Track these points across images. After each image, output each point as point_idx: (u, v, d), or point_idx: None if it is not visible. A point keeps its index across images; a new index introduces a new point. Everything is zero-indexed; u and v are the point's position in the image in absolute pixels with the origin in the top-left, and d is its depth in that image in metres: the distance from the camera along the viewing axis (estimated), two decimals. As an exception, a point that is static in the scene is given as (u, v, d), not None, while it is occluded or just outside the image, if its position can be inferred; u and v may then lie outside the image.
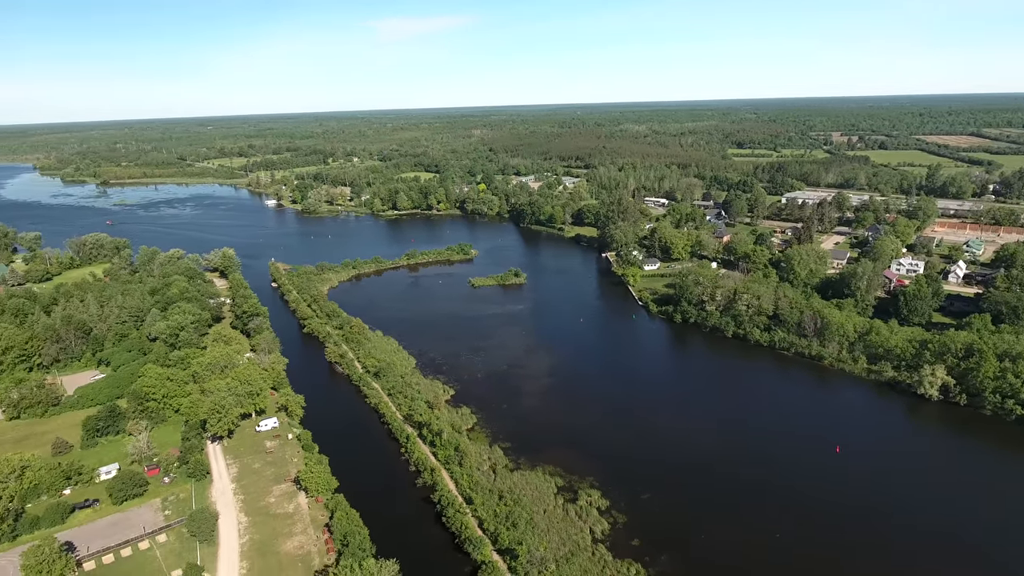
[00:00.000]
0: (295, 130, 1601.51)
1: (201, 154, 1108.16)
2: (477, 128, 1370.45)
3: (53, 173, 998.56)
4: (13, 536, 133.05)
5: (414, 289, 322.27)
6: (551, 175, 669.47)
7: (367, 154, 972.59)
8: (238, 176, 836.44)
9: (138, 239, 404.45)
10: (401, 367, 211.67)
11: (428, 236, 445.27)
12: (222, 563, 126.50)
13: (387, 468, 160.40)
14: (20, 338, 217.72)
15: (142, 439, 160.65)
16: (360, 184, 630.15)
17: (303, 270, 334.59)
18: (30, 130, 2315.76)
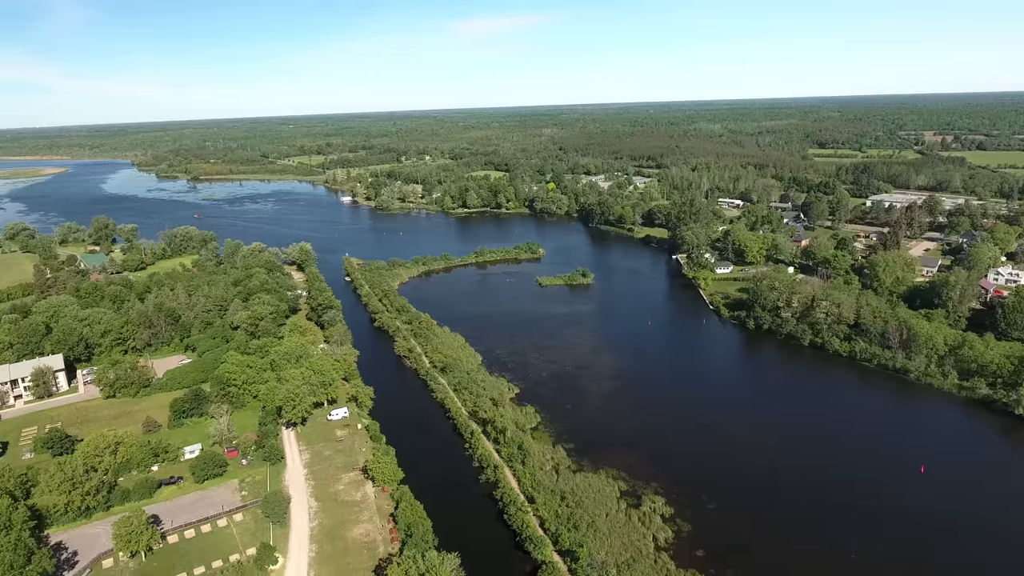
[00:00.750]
0: (371, 129, 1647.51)
1: (282, 152, 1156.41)
2: (547, 127, 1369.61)
3: (149, 169, 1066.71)
4: (107, 507, 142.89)
5: (482, 287, 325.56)
6: (621, 175, 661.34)
7: (439, 152, 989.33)
8: (316, 173, 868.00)
9: (223, 232, 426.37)
10: (467, 363, 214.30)
11: (496, 234, 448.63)
12: (293, 545, 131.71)
13: (451, 463, 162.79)
14: (117, 323, 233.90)
15: (223, 422, 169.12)
16: (431, 182, 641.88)
17: (375, 265, 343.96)
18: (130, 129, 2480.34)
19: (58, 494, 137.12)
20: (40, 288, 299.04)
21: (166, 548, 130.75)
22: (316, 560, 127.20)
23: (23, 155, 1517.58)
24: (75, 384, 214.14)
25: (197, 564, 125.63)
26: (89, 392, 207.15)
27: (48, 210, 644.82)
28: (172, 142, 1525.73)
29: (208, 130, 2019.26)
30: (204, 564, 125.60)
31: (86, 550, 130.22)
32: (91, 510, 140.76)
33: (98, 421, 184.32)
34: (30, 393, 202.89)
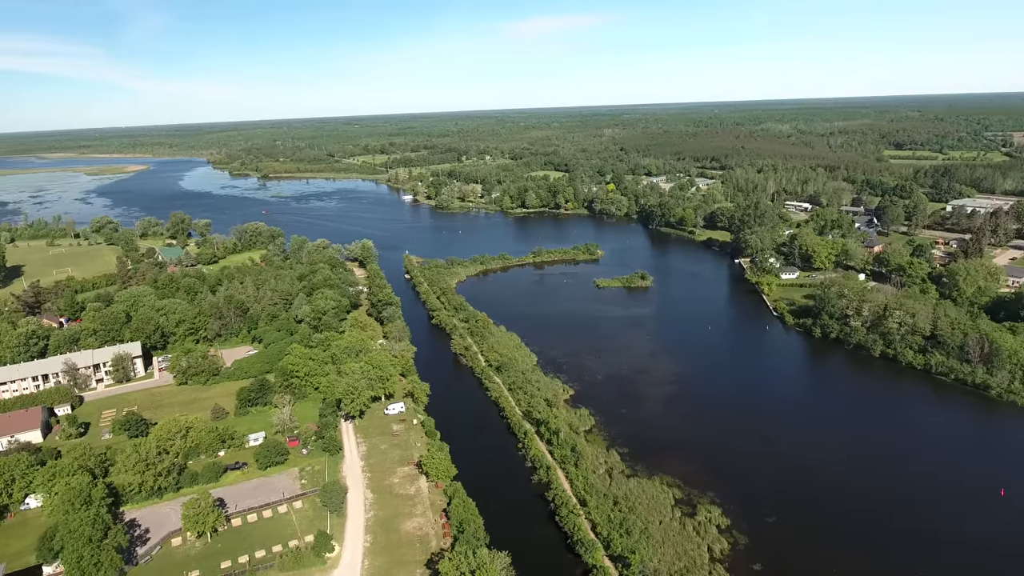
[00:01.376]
0: (432, 129, 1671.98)
1: (347, 151, 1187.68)
2: (608, 127, 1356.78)
3: (223, 167, 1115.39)
4: (177, 488, 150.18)
5: (538, 287, 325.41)
6: (684, 176, 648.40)
7: (499, 152, 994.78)
8: (379, 172, 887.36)
9: (290, 228, 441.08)
10: (522, 363, 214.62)
11: (554, 235, 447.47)
12: (349, 534, 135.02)
13: (504, 462, 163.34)
14: (190, 313, 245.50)
15: (286, 412, 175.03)
16: (491, 182, 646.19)
17: (434, 263, 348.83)
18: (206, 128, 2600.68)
19: (133, 474, 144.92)
20: (122, 279, 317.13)
21: (230, 531, 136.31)
22: (371, 550, 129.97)
23: (109, 153, 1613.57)
24: (151, 370, 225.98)
25: (258, 547, 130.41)
26: (163, 378, 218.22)
27: (130, 205, 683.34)
28: (244, 141, 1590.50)
29: (278, 130, 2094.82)
30: (265, 548, 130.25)
31: (157, 528, 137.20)
32: (162, 491, 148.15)
33: (171, 406, 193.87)
34: (110, 378, 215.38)
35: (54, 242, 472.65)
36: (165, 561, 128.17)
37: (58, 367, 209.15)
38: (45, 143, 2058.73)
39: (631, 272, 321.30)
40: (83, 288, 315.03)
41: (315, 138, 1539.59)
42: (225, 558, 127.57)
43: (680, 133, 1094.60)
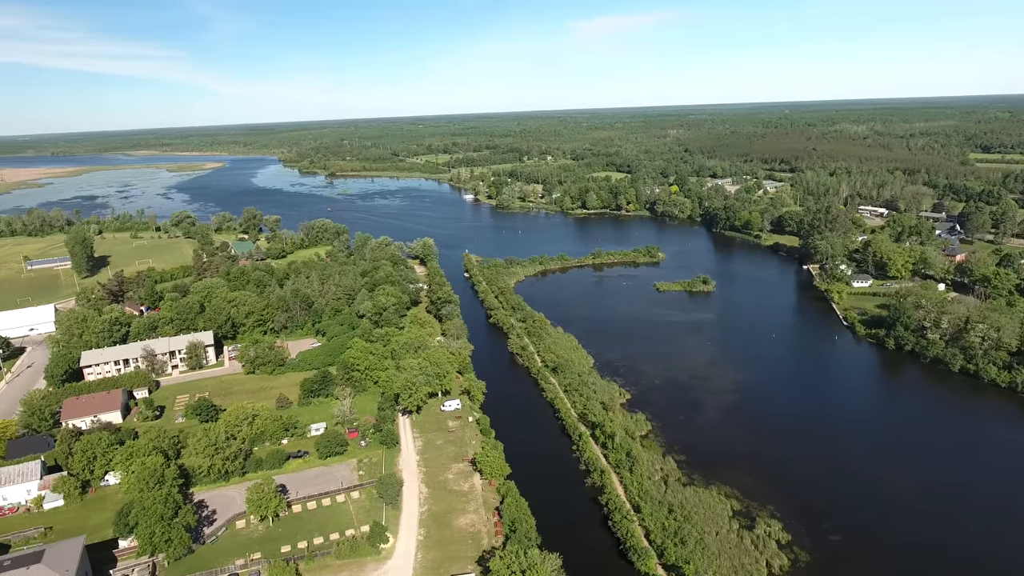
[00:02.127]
0: (495, 129, 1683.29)
1: (411, 150, 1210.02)
2: (673, 128, 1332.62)
3: (293, 165, 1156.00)
4: (242, 473, 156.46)
5: (597, 288, 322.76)
6: (750, 178, 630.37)
7: (560, 153, 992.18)
8: (442, 172, 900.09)
9: (355, 225, 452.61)
10: (579, 365, 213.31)
11: (615, 236, 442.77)
12: (403, 526, 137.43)
13: (558, 463, 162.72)
14: (259, 305, 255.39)
15: (346, 404, 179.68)
16: (552, 182, 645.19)
17: (493, 262, 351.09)
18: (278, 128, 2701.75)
19: (203, 457, 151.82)
20: (197, 270, 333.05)
21: (290, 516, 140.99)
22: (424, 544, 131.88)
23: (189, 151, 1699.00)
24: (221, 359, 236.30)
25: (317, 534, 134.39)
26: (233, 367, 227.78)
27: (207, 200, 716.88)
28: (314, 140, 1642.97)
29: (346, 129, 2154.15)
30: (323, 535, 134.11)
31: (223, 510, 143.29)
32: (229, 474, 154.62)
33: (239, 394, 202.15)
34: (184, 364, 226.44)
35: (137, 234, 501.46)
36: (230, 542, 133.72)
37: (138, 353, 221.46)
38: (132, 141, 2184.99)
39: (693, 276, 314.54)
40: (162, 279, 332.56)
41: (381, 137, 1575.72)
42: (285, 542, 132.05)
43: (748, 134, 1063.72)
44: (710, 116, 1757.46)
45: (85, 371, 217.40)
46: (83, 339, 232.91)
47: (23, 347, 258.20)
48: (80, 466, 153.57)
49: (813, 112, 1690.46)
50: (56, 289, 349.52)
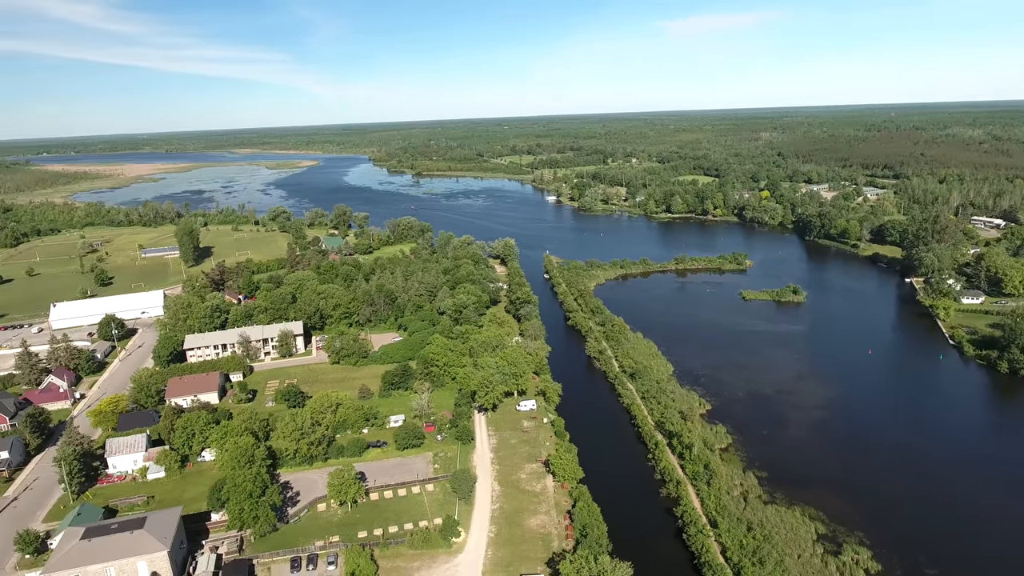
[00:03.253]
0: (579, 130, 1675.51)
1: (496, 151, 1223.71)
2: (766, 130, 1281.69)
3: (382, 164, 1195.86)
4: (325, 458, 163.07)
5: (679, 294, 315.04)
6: (849, 184, 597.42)
7: (646, 155, 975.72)
8: (525, 173, 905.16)
9: (438, 224, 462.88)
10: (658, 372, 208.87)
11: (699, 242, 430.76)
12: (475, 522, 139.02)
13: (632, 471, 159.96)
14: (346, 298, 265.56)
15: (424, 398, 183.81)
16: (636, 185, 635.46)
17: (573, 264, 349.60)
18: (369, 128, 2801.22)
19: (289, 441, 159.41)
20: (290, 263, 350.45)
21: (368, 503, 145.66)
22: (494, 541, 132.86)
23: (287, 149, 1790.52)
24: (310, 348, 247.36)
25: (392, 523, 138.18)
26: (319, 356, 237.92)
27: (301, 196, 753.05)
28: (403, 140, 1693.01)
29: (433, 129, 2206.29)
30: (397, 524, 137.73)
31: (306, 492, 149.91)
32: (313, 459, 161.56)
33: (324, 383, 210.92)
34: (276, 352, 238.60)
35: (238, 227, 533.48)
36: (311, 523, 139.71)
37: (235, 338, 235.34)
38: (236, 139, 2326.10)
39: (782, 285, 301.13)
40: (259, 270, 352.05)
41: (466, 138, 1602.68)
42: (362, 528, 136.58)
43: (847, 138, 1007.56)
44: (806, 118, 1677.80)
45: (188, 353, 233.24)
46: (187, 323, 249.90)
47: (135, 328, 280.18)
48: (180, 441, 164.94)
49: (922, 115, 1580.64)
50: (165, 276, 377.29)
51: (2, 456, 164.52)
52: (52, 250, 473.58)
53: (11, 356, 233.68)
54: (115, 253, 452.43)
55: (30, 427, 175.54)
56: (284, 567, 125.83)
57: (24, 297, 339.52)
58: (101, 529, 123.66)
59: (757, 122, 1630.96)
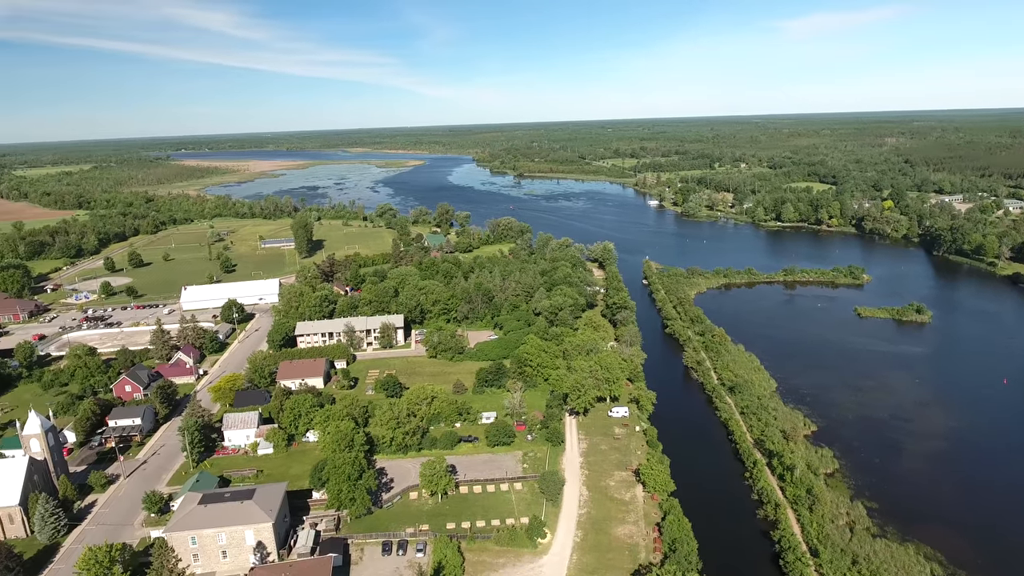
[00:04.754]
0: (686, 134, 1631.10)
1: (598, 154, 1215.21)
2: (892, 136, 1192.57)
3: (485, 165, 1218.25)
4: (418, 448, 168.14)
5: (786, 307, 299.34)
6: (987, 196, 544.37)
7: (756, 160, 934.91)
8: (627, 176, 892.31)
9: (538, 225, 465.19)
10: (759, 387, 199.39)
11: (811, 253, 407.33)
12: (561, 525, 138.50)
13: (727, 488, 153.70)
14: (445, 295, 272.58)
15: (516, 397, 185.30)
16: (744, 191, 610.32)
17: (673, 271, 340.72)
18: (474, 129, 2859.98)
19: (386, 428, 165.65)
20: (394, 259, 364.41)
21: (457, 496, 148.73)
22: (580, 546, 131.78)
23: (395, 149, 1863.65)
24: (409, 341, 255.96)
25: (479, 517, 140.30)
26: (418, 349, 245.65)
27: (407, 195, 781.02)
28: (506, 141, 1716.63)
29: (536, 131, 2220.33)
30: (485, 519, 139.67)
31: (400, 479, 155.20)
32: (407, 448, 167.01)
33: (421, 375, 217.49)
34: (377, 343, 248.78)
35: (348, 222, 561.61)
36: (402, 510, 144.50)
37: (340, 328, 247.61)
38: (349, 139, 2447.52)
39: (903, 303, 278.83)
40: (365, 264, 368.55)
41: (569, 140, 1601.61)
42: (450, 520, 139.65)
43: (988, 144, 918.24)
44: (939, 123, 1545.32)
45: (298, 339, 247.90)
46: (299, 311, 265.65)
47: (253, 313, 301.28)
48: (287, 421, 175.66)
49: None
50: (281, 266, 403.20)
51: (136, 422, 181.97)
52: (185, 238, 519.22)
53: (147, 333, 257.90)
54: (238, 243, 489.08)
55: (160, 398, 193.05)
56: (376, 549, 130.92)
57: (160, 279, 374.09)
58: (215, 496, 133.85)
59: (882, 126, 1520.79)
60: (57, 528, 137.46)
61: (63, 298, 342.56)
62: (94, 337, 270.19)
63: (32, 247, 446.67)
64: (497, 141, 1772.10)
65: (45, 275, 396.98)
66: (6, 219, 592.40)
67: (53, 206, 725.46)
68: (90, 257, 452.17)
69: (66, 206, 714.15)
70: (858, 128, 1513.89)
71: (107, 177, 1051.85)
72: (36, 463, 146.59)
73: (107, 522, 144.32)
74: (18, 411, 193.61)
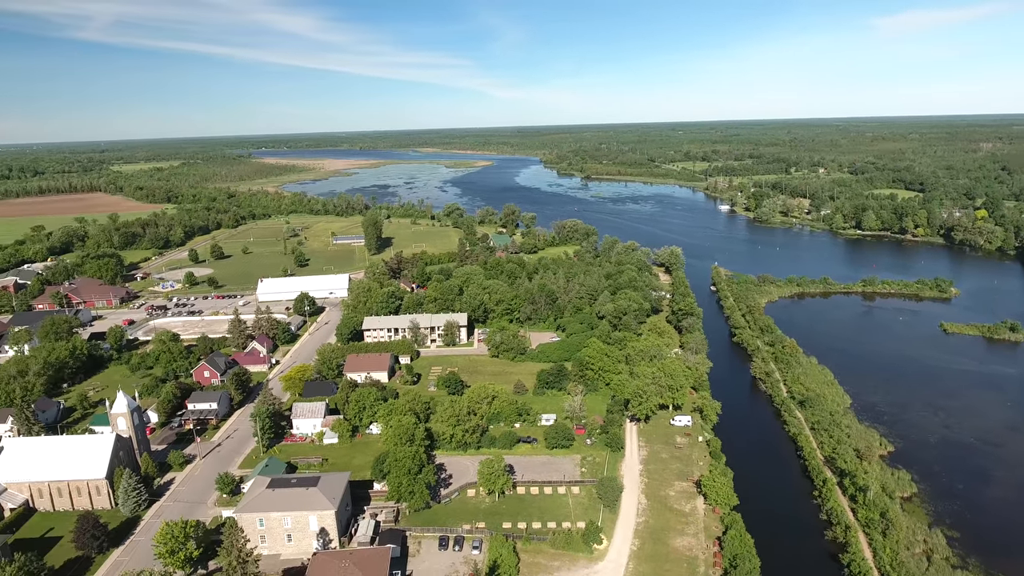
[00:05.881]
0: (761, 137, 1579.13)
1: (668, 157, 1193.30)
2: (987, 140, 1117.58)
3: (552, 166, 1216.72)
4: (477, 447, 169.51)
5: (865, 320, 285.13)
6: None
7: (836, 165, 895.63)
8: (697, 180, 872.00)
9: (604, 228, 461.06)
10: (832, 403, 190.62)
11: (894, 263, 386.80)
12: (618, 532, 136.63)
13: (793, 506, 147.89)
14: (508, 295, 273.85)
15: (576, 401, 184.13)
16: (821, 197, 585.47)
17: (744, 279, 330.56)
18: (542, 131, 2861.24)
19: (446, 425, 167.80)
20: (460, 258, 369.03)
21: (514, 496, 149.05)
22: (636, 555, 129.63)
23: (464, 149, 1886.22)
24: (472, 339, 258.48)
25: (535, 519, 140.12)
26: (480, 348, 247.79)
27: (474, 195, 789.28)
28: (574, 143, 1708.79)
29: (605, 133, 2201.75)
30: (541, 521, 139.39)
31: (458, 476, 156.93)
32: (467, 446, 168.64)
33: (482, 374, 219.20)
34: (441, 340, 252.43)
35: (416, 221, 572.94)
36: (460, 506, 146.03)
37: (406, 324, 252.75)
38: (420, 139, 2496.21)
39: (996, 320, 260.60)
40: (431, 262, 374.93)
41: (638, 143, 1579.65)
42: (507, 519, 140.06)
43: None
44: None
45: (365, 334, 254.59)
46: (366, 306, 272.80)
47: (323, 307, 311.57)
48: (352, 413, 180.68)
49: None
50: (351, 262, 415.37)
51: (213, 407, 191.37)
52: (263, 232, 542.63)
53: (225, 322, 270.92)
54: (312, 238, 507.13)
55: (235, 384, 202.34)
56: (432, 543, 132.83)
57: (239, 271, 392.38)
58: (283, 482, 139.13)
59: (976, 130, 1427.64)
60: (138, 502, 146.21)
61: (151, 286, 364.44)
62: (177, 324, 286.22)
63: (125, 237, 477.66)
64: (565, 143, 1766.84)
65: (136, 264, 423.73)
66: (103, 211, 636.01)
67: (145, 200, 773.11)
68: (176, 248, 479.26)
69: (156, 200, 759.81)
70: (949, 132, 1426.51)
71: (194, 173, 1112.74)
72: (122, 440, 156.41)
73: (183, 499, 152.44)
74: (107, 391, 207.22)
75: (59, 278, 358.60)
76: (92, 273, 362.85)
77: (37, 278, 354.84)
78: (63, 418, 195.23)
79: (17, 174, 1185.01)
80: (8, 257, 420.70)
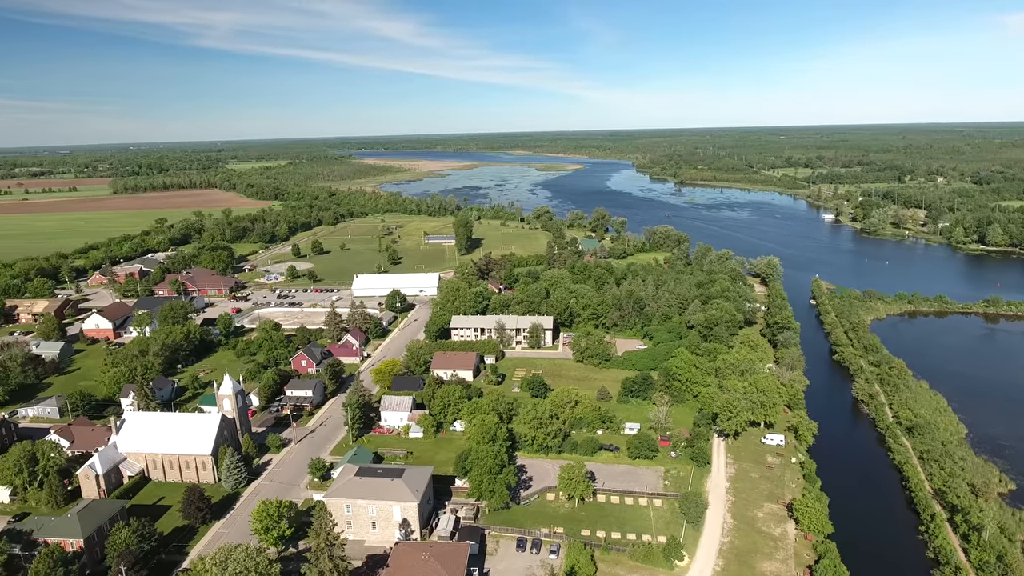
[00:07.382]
0: (871, 142, 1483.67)
1: (767, 163, 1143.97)
2: None
3: (645, 171, 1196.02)
4: (559, 451, 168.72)
5: (986, 344, 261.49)
6: None
7: (957, 174, 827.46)
8: (799, 187, 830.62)
9: (696, 235, 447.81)
10: (944, 432, 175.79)
11: (1022, 283, 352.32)
12: (701, 550, 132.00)
13: (896, 540, 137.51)
14: (595, 300, 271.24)
15: (662, 411, 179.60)
16: (939, 208, 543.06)
17: (847, 293, 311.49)
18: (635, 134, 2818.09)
19: (528, 427, 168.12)
20: (548, 260, 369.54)
21: (594, 504, 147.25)
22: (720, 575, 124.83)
23: (556, 152, 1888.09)
24: (557, 343, 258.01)
25: (615, 528, 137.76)
26: (564, 352, 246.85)
27: (564, 198, 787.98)
28: (668, 147, 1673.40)
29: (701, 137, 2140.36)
30: (620, 531, 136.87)
31: (539, 479, 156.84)
32: (548, 449, 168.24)
33: (566, 378, 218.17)
34: (526, 342, 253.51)
35: (505, 223, 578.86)
36: (539, 509, 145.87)
37: (492, 324, 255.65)
38: (512, 142, 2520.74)
39: None
40: (519, 264, 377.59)
41: (736, 148, 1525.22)
42: (585, 527, 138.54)
43: None
44: None
45: (452, 332, 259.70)
46: (455, 305, 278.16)
47: (413, 304, 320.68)
48: (437, 409, 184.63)
49: None
50: (442, 261, 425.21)
51: (309, 394, 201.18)
52: (360, 230, 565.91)
53: (322, 314, 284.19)
54: (405, 237, 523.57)
55: (329, 374, 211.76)
56: (510, 544, 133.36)
57: (336, 267, 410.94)
58: (370, 471, 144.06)
59: None
60: (239, 479, 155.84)
61: (257, 278, 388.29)
62: (279, 314, 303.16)
63: (236, 231, 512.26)
64: (659, 147, 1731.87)
65: (244, 256, 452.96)
66: (218, 206, 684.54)
67: (254, 196, 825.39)
68: (281, 243, 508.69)
69: (264, 197, 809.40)
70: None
71: (299, 172, 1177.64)
72: (226, 420, 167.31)
73: (278, 480, 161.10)
74: (215, 374, 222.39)
75: (177, 267, 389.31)
76: (206, 264, 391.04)
77: (159, 266, 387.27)
78: (176, 396, 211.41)
79: (146, 171, 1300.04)
80: (136, 246, 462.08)
